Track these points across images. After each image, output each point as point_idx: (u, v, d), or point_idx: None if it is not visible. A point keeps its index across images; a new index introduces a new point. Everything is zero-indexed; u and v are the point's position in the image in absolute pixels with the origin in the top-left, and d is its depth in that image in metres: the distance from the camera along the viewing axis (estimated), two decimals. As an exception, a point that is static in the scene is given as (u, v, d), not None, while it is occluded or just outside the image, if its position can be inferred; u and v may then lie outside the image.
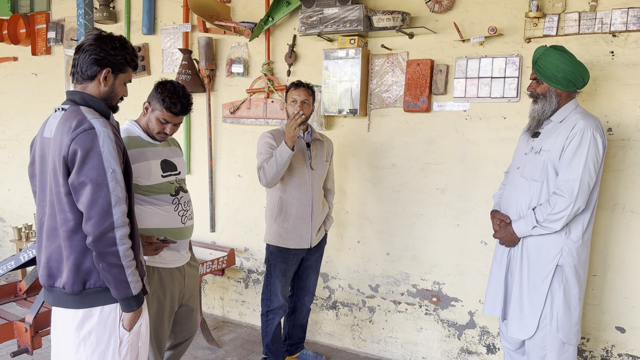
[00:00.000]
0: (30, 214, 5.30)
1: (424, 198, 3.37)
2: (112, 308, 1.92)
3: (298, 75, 3.71)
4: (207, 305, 4.34)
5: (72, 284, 1.87)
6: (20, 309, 3.98)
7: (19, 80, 5.28)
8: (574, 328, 2.47)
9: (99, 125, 1.83)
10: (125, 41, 1.98)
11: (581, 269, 2.46)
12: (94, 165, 1.80)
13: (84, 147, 1.79)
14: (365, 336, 3.68)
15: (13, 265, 3.02)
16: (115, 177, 1.83)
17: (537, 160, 2.45)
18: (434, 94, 3.25)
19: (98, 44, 1.90)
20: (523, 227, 2.45)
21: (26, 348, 2.67)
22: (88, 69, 1.90)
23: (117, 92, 1.99)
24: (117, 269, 1.83)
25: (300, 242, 3.11)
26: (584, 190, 2.34)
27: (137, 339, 1.99)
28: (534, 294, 2.46)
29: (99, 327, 1.91)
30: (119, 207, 1.83)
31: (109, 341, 1.92)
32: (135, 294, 1.89)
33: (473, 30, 3.12)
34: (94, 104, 1.92)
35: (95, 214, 1.79)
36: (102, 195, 1.80)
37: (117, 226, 1.82)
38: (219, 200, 4.19)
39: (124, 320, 1.94)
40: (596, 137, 2.34)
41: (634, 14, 2.70)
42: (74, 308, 1.90)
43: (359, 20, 3.21)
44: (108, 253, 1.81)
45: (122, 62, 1.95)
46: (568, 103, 2.47)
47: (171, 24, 4.24)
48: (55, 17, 4.93)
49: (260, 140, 3.05)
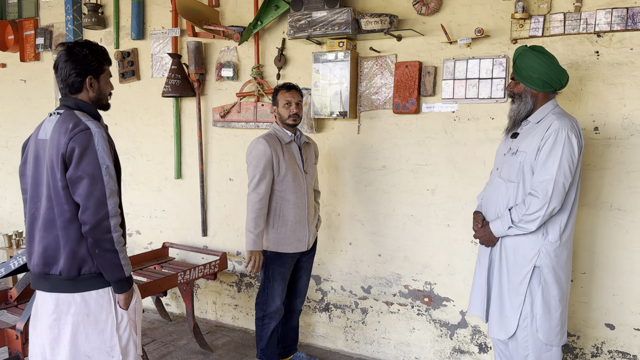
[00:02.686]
0: (20, 221, 5.27)
1: (414, 199, 3.39)
2: (105, 291, 2.12)
3: (288, 78, 3.72)
4: (199, 310, 4.33)
5: (68, 270, 2.06)
6: (11, 316, 3.95)
7: (8, 86, 5.25)
8: (554, 329, 2.45)
9: (93, 126, 2.04)
10: (92, 45, 2.14)
11: (561, 270, 2.45)
12: (90, 161, 2.00)
13: (81, 145, 1.99)
14: (358, 337, 3.69)
15: (3, 272, 3.01)
16: (109, 172, 2.04)
17: (514, 161, 2.46)
18: (422, 95, 3.28)
19: (71, 58, 2.09)
20: (499, 227, 2.46)
21: (17, 355, 2.65)
22: (74, 84, 2.11)
23: (104, 91, 2.20)
24: (111, 253, 2.05)
25: (298, 246, 3.11)
26: (559, 191, 2.33)
27: (134, 315, 2.22)
28: (513, 295, 2.46)
29: (96, 309, 2.10)
30: (112, 198, 2.04)
31: (106, 320, 2.12)
32: (127, 275, 2.11)
33: (460, 32, 3.15)
34: (87, 109, 2.14)
35: (91, 204, 2.00)
36: (97, 188, 2.01)
37: (111, 215, 2.04)
38: (210, 204, 4.18)
39: (120, 301, 2.14)
40: (571, 137, 2.33)
41: (618, 14, 2.74)
42: (71, 292, 2.08)
43: (348, 23, 3.23)
44: (104, 240, 2.02)
45: (98, 65, 2.14)
46: (546, 104, 2.47)
47: (160, 28, 4.24)
48: (43, 23, 4.91)
49: (256, 148, 2.99)
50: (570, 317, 2.99)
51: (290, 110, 3.03)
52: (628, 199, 2.83)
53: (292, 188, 3.04)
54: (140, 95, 4.39)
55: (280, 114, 3.07)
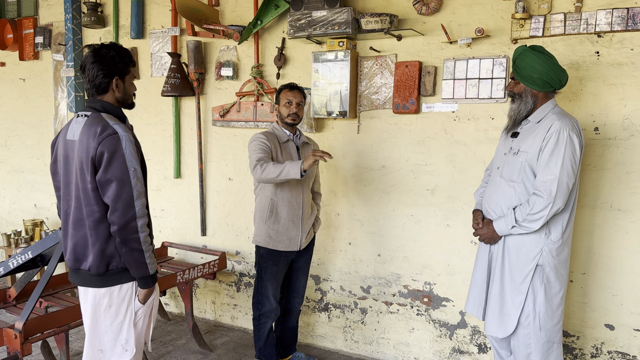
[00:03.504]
0: (19, 220, 5.26)
1: (414, 199, 3.39)
2: (129, 286, 2.24)
3: (287, 78, 3.72)
4: (198, 310, 4.32)
5: (97, 267, 2.18)
6: (9, 316, 3.95)
7: (7, 85, 5.24)
8: (556, 326, 2.49)
9: (121, 130, 2.13)
10: (118, 47, 2.23)
11: (562, 267, 2.48)
12: (119, 165, 2.10)
13: (110, 149, 2.09)
14: (357, 337, 3.69)
15: (2, 271, 3.00)
16: (137, 175, 2.14)
17: (515, 161, 2.47)
18: (422, 95, 3.27)
19: (98, 59, 2.17)
20: (503, 226, 2.47)
21: (16, 355, 2.64)
22: (100, 84, 2.20)
23: (129, 91, 2.31)
24: (137, 252, 2.15)
25: (289, 245, 3.11)
26: (563, 191, 2.35)
27: (149, 310, 2.33)
28: (514, 293, 2.47)
29: (118, 301, 2.23)
30: (139, 200, 2.14)
31: (125, 313, 2.25)
32: (152, 273, 2.21)
33: (460, 32, 3.15)
34: (113, 111, 2.24)
35: (120, 206, 2.10)
36: (125, 191, 2.10)
37: (139, 216, 2.14)
38: (209, 203, 4.18)
39: (140, 295, 2.26)
40: (572, 137, 2.35)
41: (618, 14, 2.74)
42: (98, 287, 2.21)
43: (348, 22, 3.23)
44: (131, 239, 2.13)
45: (124, 67, 2.23)
46: (546, 103, 2.48)
47: (160, 27, 4.23)
48: (42, 21, 4.90)
49: (254, 140, 3.02)
50: (570, 317, 2.99)
51: (290, 109, 3.04)
52: (628, 199, 2.83)
53: (287, 186, 3.04)
54: (140, 94, 4.38)
55: (281, 113, 3.08)
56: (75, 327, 2.91)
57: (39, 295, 2.72)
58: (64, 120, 4.86)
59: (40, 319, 2.75)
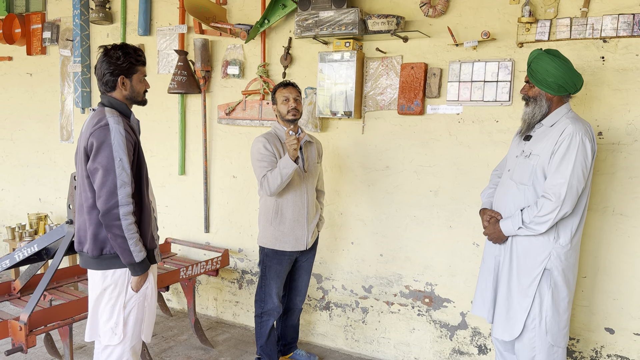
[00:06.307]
0: (23, 214, 5.29)
1: (417, 200, 3.40)
2: (122, 272, 2.34)
3: (293, 77, 3.73)
4: (200, 306, 4.35)
5: (92, 250, 2.31)
6: (14, 308, 3.98)
7: (14, 79, 5.27)
8: (562, 331, 2.49)
9: (113, 122, 2.25)
10: (126, 47, 2.36)
11: (570, 272, 2.47)
12: (106, 154, 2.21)
13: (99, 139, 2.22)
14: (358, 337, 3.71)
15: (8, 264, 3.03)
16: (122, 165, 2.22)
17: (527, 164, 2.47)
18: (427, 97, 3.29)
19: (106, 59, 2.32)
20: (510, 226, 2.47)
21: (20, 346, 2.67)
22: (107, 82, 2.35)
23: (137, 89, 2.41)
24: (120, 239, 2.23)
25: (296, 245, 3.12)
26: (572, 195, 2.35)
27: (143, 299, 2.40)
28: (521, 297, 2.48)
29: (111, 286, 2.33)
30: (123, 189, 2.22)
31: (117, 298, 2.34)
32: (137, 261, 2.27)
33: (466, 34, 3.16)
34: (118, 106, 2.37)
35: (104, 193, 2.21)
36: (110, 179, 2.21)
37: (121, 204, 2.21)
38: (213, 201, 4.20)
39: (132, 282, 2.35)
40: (585, 142, 2.34)
41: (624, 20, 2.75)
42: (95, 269, 2.34)
43: (354, 23, 3.24)
44: (113, 226, 2.22)
45: (130, 66, 2.35)
46: (560, 107, 2.48)
47: (167, 25, 4.25)
48: (50, 17, 4.93)
49: (255, 146, 3.03)
50: (570, 320, 3.00)
51: (288, 105, 3.05)
52: (630, 204, 2.84)
53: (291, 186, 3.05)
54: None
55: (280, 111, 3.09)
56: (79, 321, 2.93)
57: (45, 288, 2.75)
58: (70, 116, 4.89)
59: (45, 312, 2.78)
